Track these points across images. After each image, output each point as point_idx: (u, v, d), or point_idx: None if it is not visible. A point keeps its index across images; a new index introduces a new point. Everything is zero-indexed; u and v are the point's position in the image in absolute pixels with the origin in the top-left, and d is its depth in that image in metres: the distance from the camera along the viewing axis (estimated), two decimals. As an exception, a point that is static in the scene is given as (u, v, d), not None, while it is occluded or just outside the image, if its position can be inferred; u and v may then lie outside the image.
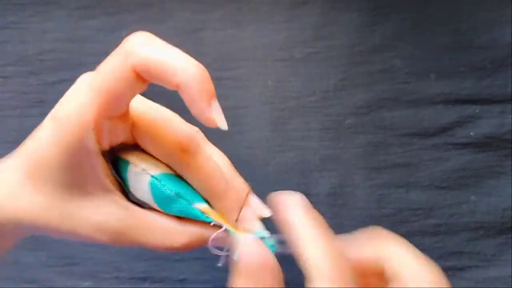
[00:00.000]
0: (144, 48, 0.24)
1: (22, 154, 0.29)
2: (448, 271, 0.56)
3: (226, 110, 0.26)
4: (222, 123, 0.25)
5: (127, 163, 0.29)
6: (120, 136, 0.29)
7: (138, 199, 0.29)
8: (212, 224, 0.28)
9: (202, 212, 0.28)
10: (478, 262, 0.57)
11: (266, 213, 0.28)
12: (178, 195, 0.28)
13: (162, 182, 0.28)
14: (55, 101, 0.30)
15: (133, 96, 0.27)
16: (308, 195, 0.61)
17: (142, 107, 0.29)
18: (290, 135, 0.58)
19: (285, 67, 0.59)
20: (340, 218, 0.59)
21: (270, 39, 0.59)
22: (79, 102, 0.26)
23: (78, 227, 0.28)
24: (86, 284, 0.56)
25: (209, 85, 0.25)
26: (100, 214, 0.28)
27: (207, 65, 0.26)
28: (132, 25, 0.59)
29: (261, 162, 0.58)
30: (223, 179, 0.29)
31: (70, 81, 0.29)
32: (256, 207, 0.29)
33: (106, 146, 0.28)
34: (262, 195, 0.29)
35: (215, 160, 0.29)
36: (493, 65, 0.59)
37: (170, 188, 0.28)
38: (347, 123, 0.59)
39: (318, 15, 0.59)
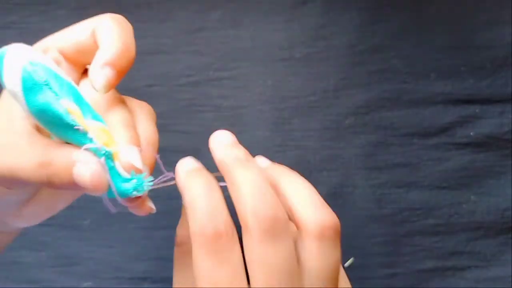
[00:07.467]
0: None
1: None
2: (448, 271, 0.56)
3: (226, 110, 0.27)
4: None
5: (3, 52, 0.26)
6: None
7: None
8: (76, 128, 0.24)
9: (68, 112, 0.24)
10: (478, 262, 0.57)
11: (139, 164, 0.26)
12: (47, 84, 0.24)
13: (36, 68, 0.24)
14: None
15: None
16: (308, 195, 0.61)
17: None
18: (290, 135, 0.58)
19: (285, 67, 0.59)
20: (340, 218, 0.59)
21: (270, 39, 0.59)
22: None
23: None
24: (86, 284, 0.56)
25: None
26: None
27: (207, 65, 0.26)
28: (132, 25, 0.59)
29: (261, 162, 0.58)
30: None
31: (70, 81, 0.29)
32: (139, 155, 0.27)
33: None
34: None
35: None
36: (493, 65, 0.59)
37: (42, 76, 0.24)
38: (347, 123, 0.58)
39: (318, 15, 0.59)
